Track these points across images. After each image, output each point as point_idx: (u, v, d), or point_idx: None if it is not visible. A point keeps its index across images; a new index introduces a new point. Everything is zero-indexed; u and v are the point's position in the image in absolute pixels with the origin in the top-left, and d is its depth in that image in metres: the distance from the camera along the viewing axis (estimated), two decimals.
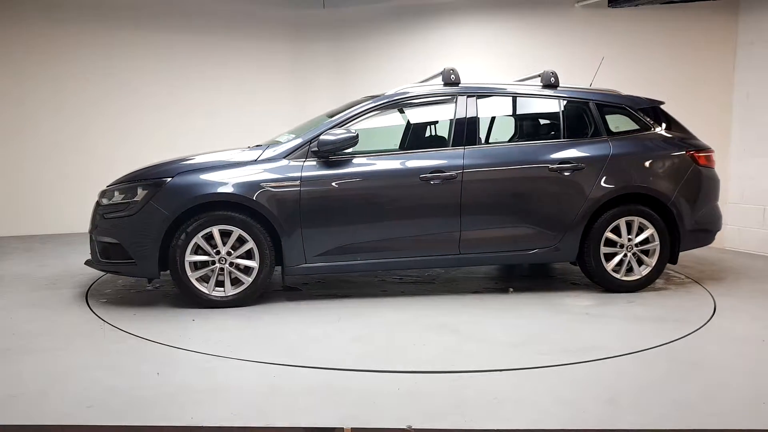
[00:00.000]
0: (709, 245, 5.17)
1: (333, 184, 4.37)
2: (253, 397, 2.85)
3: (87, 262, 4.63)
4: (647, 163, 4.73)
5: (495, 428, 2.54)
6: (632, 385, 3.02)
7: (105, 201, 4.49)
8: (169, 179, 4.26)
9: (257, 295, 4.38)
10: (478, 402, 2.79)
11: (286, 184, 4.29)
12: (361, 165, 4.46)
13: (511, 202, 4.59)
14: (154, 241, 4.18)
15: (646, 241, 4.69)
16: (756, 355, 3.49)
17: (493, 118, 5.22)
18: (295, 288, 4.98)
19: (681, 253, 4.84)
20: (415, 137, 5.31)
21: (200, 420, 2.59)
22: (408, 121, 5.32)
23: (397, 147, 5.30)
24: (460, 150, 4.54)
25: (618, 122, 4.90)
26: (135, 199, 4.26)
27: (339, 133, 4.34)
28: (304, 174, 4.33)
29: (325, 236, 4.37)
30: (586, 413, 2.68)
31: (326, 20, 8.54)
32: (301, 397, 2.84)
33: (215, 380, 3.04)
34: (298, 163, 4.37)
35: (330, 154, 4.37)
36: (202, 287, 4.27)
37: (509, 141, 5.22)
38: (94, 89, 7.71)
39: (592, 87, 5.07)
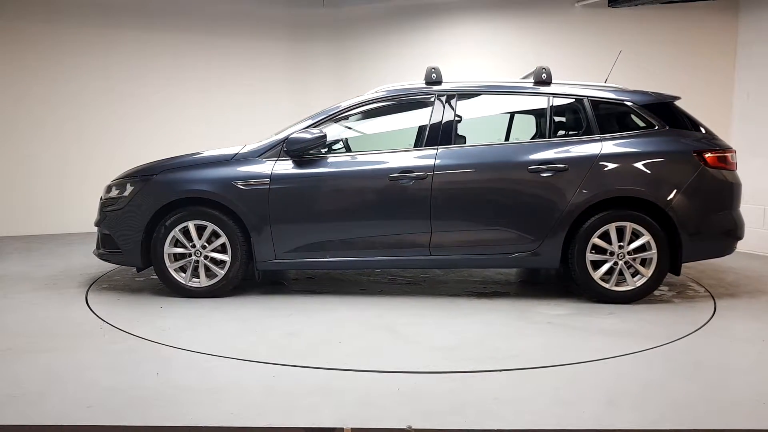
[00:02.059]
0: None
1: (301, 182, 4.46)
2: (253, 397, 2.85)
3: (93, 251, 4.94)
4: (643, 164, 4.35)
5: (495, 428, 2.54)
6: (632, 385, 3.02)
7: (104, 195, 4.82)
8: (152, 177, 4.58)
9: (231, 287, 4.57)
10: (478, 402, 2.79)
11: (256, 182, 4.44)
12: (329, 164, 4.52)
13: (484, 204, 4.40)
14: (138, 234, 4.51)
15: (642, 248, 4.34)
16: (756, 355, 3.49)
17: (473, 118, 4.94)
18: (281, 282, 5.11)
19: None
20: (393, 137, 5.26)
21: (200, 420, 2.59)
22: (386, 122, 5.24)
23: (375, 147, 5.21)
24: (432, 150, 4.46)
25: (619, 120, 4.64)
26: (124, 194, 4.62)
27: (306, 134, 4.44)
28: (274, 173, 4.45)
29: (294, 234, 4.47)
30: (585, 413, 2.68)
31: (326, 20, 8.54)
32: (301, 397, 2.84)
33: (215, 380, 3.04)
34: (270, 162, 4.50)
35: (299, 153, 4.46)
36: (179, 277, 4.54)
37: (490, 141, 4.87)
38: (94, 89, 7.71)
39: (593, 83, 4.79)
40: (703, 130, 4.57)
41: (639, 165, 4.37)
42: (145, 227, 4.50)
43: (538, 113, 4.74)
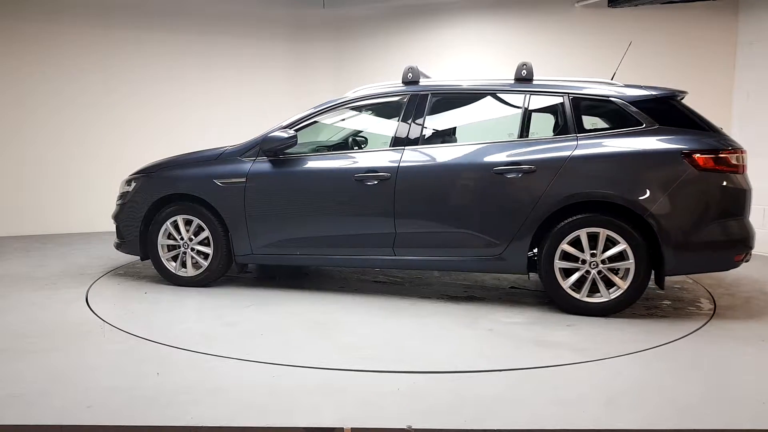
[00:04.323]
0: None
1: (274, 181, 4.62)
2: (253, 397, 2.85)
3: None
4: (620, 166, 4.02)
5: (495, 428, 2.54)
6: (631, 385, 3.02)
7: (118, 190, 5.21)
8: (151, 174, 5.00)
9: (216, 277, 4.87)
10: (478, 402, 2.79)
11: (234, 180, 4.67)
12: (301, 164, 4.64)
13: (447, 205, 4.30)
14: (136, 226, 4.92)
15: (621, 257, 4.00)
16: (756, 355, 3.49)
17: (446, 117, 4.79)
18: (272, 276, 5.36)
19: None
20: (370, 137, 5.34)
21: (200, 420, 2.59)
22: (363, 122, 5.30)
23: (352, 147, 5.32)
24: (399, 150, 4.44)
25: (603, 118, 4.39)
26: (128, 189, 5.04)
27: (281, 134, 4.59)
28: (251, 171, 4.65)
29: (267, 230, 4.64)
30: (585, 413, 2.69)
31: (326, 20, 8.54)
32: (301, 397, 2.84)
33: (215, 380, 3.04)
34: (249, 161, 4.69)
35: (273, 153, 4.62)
36: (170, 267, 4.90)
37: (459, 141, 4.72)
38: (95, 89, 7.71)
39: (580, 78, 4.50)
40: (710, 129, 4.09)
41: (615, 167, 4.04)
42: (143, 220, 4.88)
43: (515, 112, 4.46)
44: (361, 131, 5.45)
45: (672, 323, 4.00)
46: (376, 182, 4.39)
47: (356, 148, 5.31)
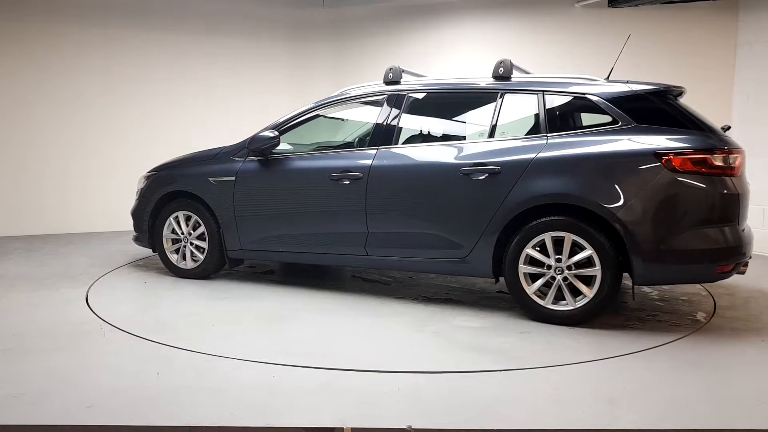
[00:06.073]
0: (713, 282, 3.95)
1: (259, 179, 4.80)
2: (253, 397, 2.85)
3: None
4: (586, 167, 3.79)
5: (495, 428, 2.54)
6: (632, 384, 3.02)
7: (136, 186, 5.52)
8: (159, 172, 5.34)
9: (212, 270, 5.13)
10: (478, 402, 2.80)
11: (225, 179, 4.89)
12: (283, 164, 4.77)
13: (414, 205, 4.24)
14: (146, 220, 5.25)
15: (589, 264, 3.77)
16: (756, 355, 3.49)
17: (421, 117, 4.72)
18: (270, 271, 5.57)
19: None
20: (354, 137, 5.36)
21: (200, 420, 2.59)
22: (348, 122, 5.34)
23: (336, 147, 5.29)
24: (372, 150, 4.46)
25: (579, 116, 4.35)
26: (141, 186, 5.41)
27: (266, 133, 4.75)
28: (240, 170, 4.86)
29: (253, 226, 4.83)
30: (586, 413, 2.69)
31: (326, 20, 8.54)
32: (301, 397, 2.84)
33: (215, 380, 3.05)
34: (240, 160, 4.89)
35: (259, 152, 4.77)
36: (172, 259, 5.22)
37: (434, 141, 4.60)
38: (95, 89, 7.71)
39: (560, 75, 4.36)
40: (702, 128, 3.76)
41: (582, 168, 3.82)
42: (150, 215, 5.21)
43: (489, 111, 4.28)
44: (348, 130, 5.44)
45: (671, 323, 4.00)
46: (349, 182, 4.43)
47: None
